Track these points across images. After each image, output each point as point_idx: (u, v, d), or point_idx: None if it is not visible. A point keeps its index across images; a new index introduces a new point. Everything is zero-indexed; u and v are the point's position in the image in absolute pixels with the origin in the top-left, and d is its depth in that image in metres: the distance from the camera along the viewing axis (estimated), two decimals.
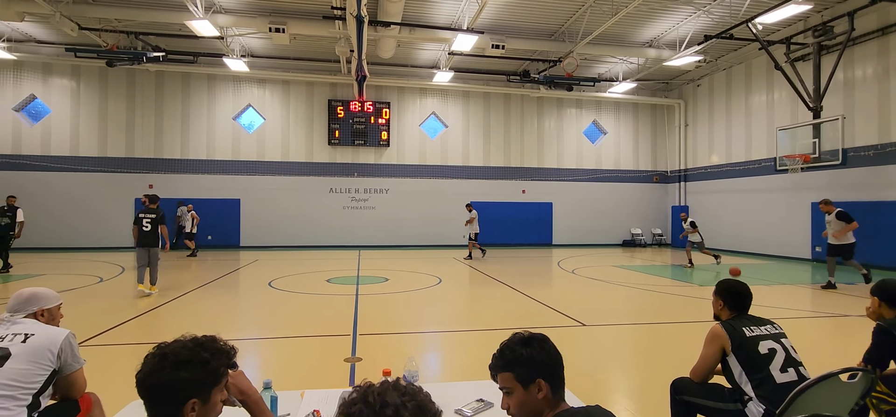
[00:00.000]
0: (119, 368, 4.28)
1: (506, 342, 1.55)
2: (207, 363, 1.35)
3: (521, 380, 1.48)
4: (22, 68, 15.95)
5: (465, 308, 7.83)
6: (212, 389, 1.36)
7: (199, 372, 1.33)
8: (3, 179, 15.35)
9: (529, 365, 1.48)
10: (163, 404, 1.30)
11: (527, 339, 1.53)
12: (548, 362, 1.50)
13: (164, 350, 1.34)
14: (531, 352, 1.49)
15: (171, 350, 1.34)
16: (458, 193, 18.84)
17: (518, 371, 1.48)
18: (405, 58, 16.69)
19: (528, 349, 1.50)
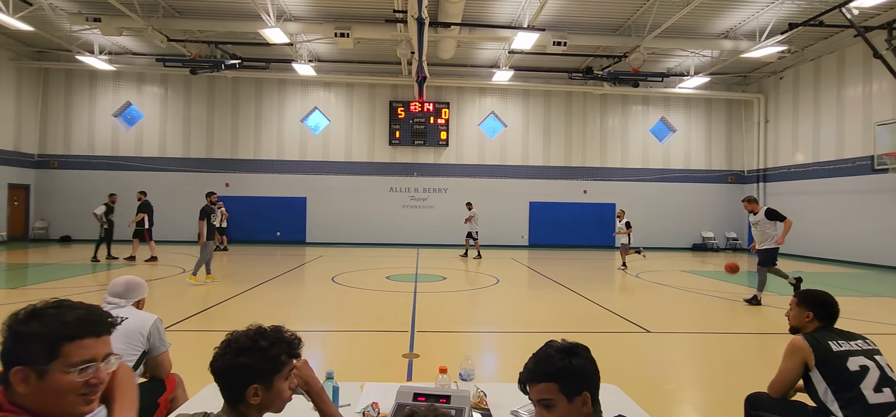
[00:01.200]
0: (198, 352, 4.64)
1: (545, 351, 1.45)
2: (266, 351, 1.42)
3: (566, 392, 1.38)
4: (120, 78, 17.68)
5: (523, 309, 7.73)
6: (273, 377, 1.43)
7: (259, 360, 1.40)
8: (103, 178, 17.13)
9: (576, 376, 1.39)
10: (228, 387, 1.41)
11: (571, 348, 1.43)
12: (593, 373, 1.42)
13: (230, 338, 1.45)
14: (579, 362, 1.40)
15: (234, 337, 1.44)
16: (517, 193, 18.66)
17: (564, 382, 1.38)
18: (465, 58, 16.76)
19: (576, 359, 1.40)
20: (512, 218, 18.68)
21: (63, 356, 1.19)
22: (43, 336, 1.18)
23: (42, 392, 1.18)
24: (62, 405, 1.21)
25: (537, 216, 18.73)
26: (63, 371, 1.19)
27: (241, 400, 1.40)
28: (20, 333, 1.19)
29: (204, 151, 18.05)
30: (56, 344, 1.19)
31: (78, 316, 1.24)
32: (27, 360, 1.17)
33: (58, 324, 1.21)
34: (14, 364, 1.17)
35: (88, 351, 1.23)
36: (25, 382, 1.17)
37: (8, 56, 16.13)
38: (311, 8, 12.84)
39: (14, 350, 1.18)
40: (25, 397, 1.18)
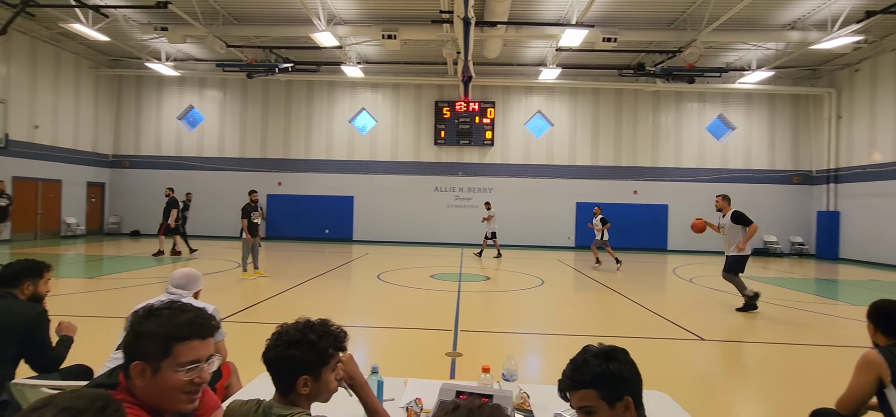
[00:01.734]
0: (250, 343, 4.87)
1: (582, 356, 1.42)
2: (315, 344, 1.49)
3: (606, 398, 1.34)
4: (183, 83, 18.82)
5: (568, 311, 7.58)
6: (321, 368, 1.50)
7: (308, 352, 1.47)
8: (168, 176, 18.30)
9: (615, 381, 1.34)
10: (279, 377, 1.48)
11: (609, 352, 1.39)
12: (634, 377, 1.38)
13: (281, 331, 1.52)
14: (618, 367, 1.36)
15: (285, 331, 1.51)
16: (564, 193, 18.31)
17: (603, 388, 1.34)
18: (511, 56, 16.62)
19: (614, 363, 1.36)
20: (558, 219, 18.35)
21: (174, 355, 1.29)
22: (158, 335, 1.29)
23: (154, 386, 1.29)
24: (170, 400, 1.31)
25: (585, 217, 18.26)
26: (173, 369, 1.29)
27: (291, 390, 1.47)
28: (139, 331, 1.30)
29: (258, 151, 18.88)
30: (169, 344, 1.29)
31: (188, 319, 1.33)
32: (144, 356, 1.28)
33: (171, 325, 1.30)
34: (134, 358, 1.29)
35: (195, 352, 1.32)
36: (142, 376, 1.28)
37: (88, 64, 17.55)
38: (359, 11, 13.14)
39: (134, 345, 1.30)
40: (141, 389, 1.29)
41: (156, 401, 1.31)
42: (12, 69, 14.69)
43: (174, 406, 1.32)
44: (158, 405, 1.31)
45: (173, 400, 1.31)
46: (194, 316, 1.36)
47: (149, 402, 1.30)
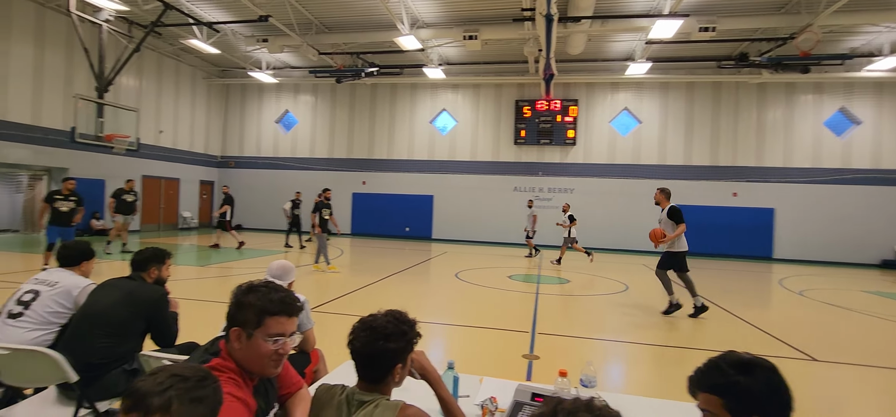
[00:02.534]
0: (337, 333, 5.15)
1: (719, 359, 1.30)
2: (406, 334, 1.61)
3: (731, 411, 1.23)
4: (280, 89, 20.38)
5: (654, 320, 7.11)
6: (409, 354, 1.64)
7: (402, 342, 1.59)
8: (266, 176, 19.96)
9: (744, 397, 1.21)
10: (375, 368, 1.57)
11: (747, 364, 1.25)
12: (773, 399, 1.22)
13: (372, 325, 1.60)
14: (750, 382, 1.22)
15: (378, 325, 1.59)
16: (652, 194, 17.19)
17: (729, 399, 1.23)
18: (596, 52, 15.97)
19: (747, 377, 1.23)
20: (646, 222, 17.19)
21: (265, 326, 1.52)
22: (255, 307, 1.52)
23: (248, 350, 1.52)
24: (258, 365, 1.54)
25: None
26: (263, 338, 1.51)
27: (383, 380, 1.57)
28: (241, 301, 1.54)
29: (345, 152, 19.92)
30: (262, 316, 1.51)
31: (280, 298, 1.56)
32: (242, 324, 1.52)
33: (266, 301, 1.53)
34: (234, 324, 1.53)
35: (281, 327, 1.54)
36: (239, 340, 1.52)
37: (202, 76, 19.65)
38: (441, 13, 13.36)
39: (236, 314, 1.53)
40: (237, 352, 1.53)
41: (248, 364, 1.53)
42: (143, 82, 16.87)
43: (262, 370, 1.55)
44: (250, 368, 1.53)
45: (261, 365, 1.53)
46: (285, 296, 1.57)
47: (243, 365, 1.52)
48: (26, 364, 2.43)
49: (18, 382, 2.54)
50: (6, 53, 12.69)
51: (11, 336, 2.74)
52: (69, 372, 2.34)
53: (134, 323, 2.75)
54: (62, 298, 2.94)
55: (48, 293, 2.93)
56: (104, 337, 2.63)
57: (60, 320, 2.92)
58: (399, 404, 1.48)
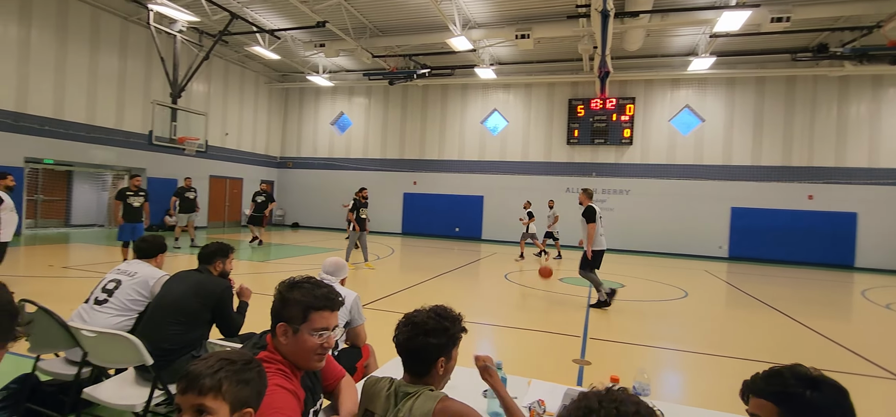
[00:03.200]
0: (386, 330, 5.26)
1: (784, 368, 1.24)
2: (448, 329, 1.64)
3: None
4: (335, 92, 21.08)
5: (715, 329, 6.72)
6: (453, 349, 1.67)
7: (444, 337, 1.62)
8: (321, 176, 20.71)
9: (806, 411, 1.15)
10: (418, 362, 1.63)
11: (815, 380, 1.18)
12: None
13: (414, 320, 1.65)
14: (816, 398, 1.15)
15: (420, 320, 1.64)
16: (716, 196, 16.30)
17: (787, 408, 1.16)
18: (654, 48, 15.31)
19: (815, 393, 1.15)
20: (708, 226, 16.39)
21: (309, 321, 1.58)
22: (300, 302, 1.58)
23: (294, 345, 1.57)
24: (304, 358, 1.60)
25: (741, 224, 16.06)
26: (309, 332, 1.58)
27: (427, 373, 1.62)
28: (286, 298, 1.60)
29: (397, 152, 20.29)
30: (307, 311, 1.58)
31: (324, 293, 1.62)
32: (288, 319, 1.58)
33: (310, 297, 1.59)
34: (280, 320, 1.59)
35: (325, 321, 1.60)
36: (285, 335, 1.58)
37: (264, 80, 20.70)
38: (493, 13, 13.31)
39: (281, 309, 1.60)
40: (284, 346, 1.59)
41: (294, 358, 1.59)
42: (211, 87, 18.00)
43: (307, 364, 1.61)
44: (296, 361, 1.59)
45: (307, 359, 1.60)
46: (328, 292, 1.63)
47: (289, 358, 1.58)
48: (110, 347, 2.67)
49: (103, 362, 2.78)
50: (95, 64, 13.97)
51: (98, 320, 3.02)
52: (145, 356, 2.54)
53: (201, 313, 2.94)
54: (140, 287, 3.21)
55: (128, 282, 3.20)
56: (175, 324, 2.83)
57: (138, 307, 3.17)
58: (440, 395, 1.52)
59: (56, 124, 13.03)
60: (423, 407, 1.49)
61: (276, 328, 1.59)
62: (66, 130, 13.27)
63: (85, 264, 9.02)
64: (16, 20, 12.05)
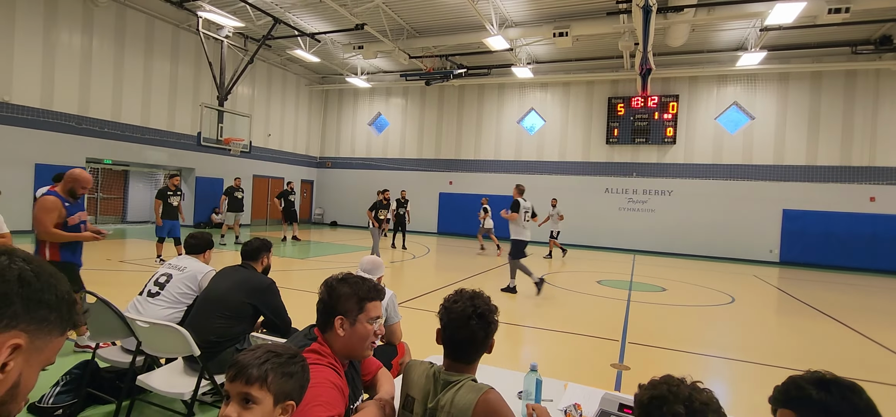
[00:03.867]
0: (420, 328, 5.29)
1: (797, 376, 1.22)
2: (485, 317, 1.66)
3: None
4: (373, 93, 21.42)
5: (764, 337, 6.40)
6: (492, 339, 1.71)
7: (492, 328, 1.66)
8: (359, 176, 21.08)
9: (820, 413, 1.13)
10: (466, 352, 1.64)
11: (826, 381, 1.16)
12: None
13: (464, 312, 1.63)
14: (827, 399, 1.13)
15: (464, 310, 1.63)
16: (766, 198, 15.51)
17: (803, 413, 1.15)
18: (700, 43, 14.73)
19: (824, 393, 1.14)
20: (758, 229, 15.62)
21: (366, 311, 1.65)
22: (353, 295, 1.65)
23: (351, 335, 1.63)
24: (358, 348, 1.66)
25: (794, 227, 15.22)
26: (365, 322, 1.65)
27: (469, 361, 1.64)
28: (340, 292, 1.65)
29: (433, 152, 20.40)
30: (363, 302, 1.65)
31: (371, 285, 1.71)
32: (345, 312, 1.63)
33: (362, 289, 1.67)
34: (336, 314, 1.63)
35: (377, 310, 1.69)
36: (343, 327, 1.63)
37: (304, 83, 21.28)
38: (530, 12, 13.17)
39: (336, 304, 1.64)
40: (340, 339, 1.63)
41: (349, 349, 1.64)
42: (255, 90, 18.67)
43: (360, 352, 1.67)
44: (348, 352, 1.65)
45: (360, 348, 1.66)
46: (373, 284, 1.73)
47: (342, 350, 1.63)
48: (161, 337, 2.81)
49: (155, 352, 2.94)
50: (149, 69, 14.76)
51: (150, 311, 3.19)
52: (194, 347, 2.67)
53: (245, 308, 3.06)
54: (189, 281, 3.36)
55: (179, 276, 3.37)
56: (220, 318, 2.96)
57: (187, 300, 3.33)
58: (484, 387, 1.52)
59: (114, 127, 13.86)
60: (466, 398, 1.49)
61: (333, 321, 1.63)
62: (122, 132, 14.09)
63: (139, 258, 9.55)
64: (79, 31, 12.90)
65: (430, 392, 1.58)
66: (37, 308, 0.65)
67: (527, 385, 2.03)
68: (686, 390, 1.14)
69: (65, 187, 4.02)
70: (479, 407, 1.46)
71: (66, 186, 4.02)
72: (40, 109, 12.18)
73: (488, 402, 1.48)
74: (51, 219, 3.86)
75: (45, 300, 0.65)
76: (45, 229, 3.85)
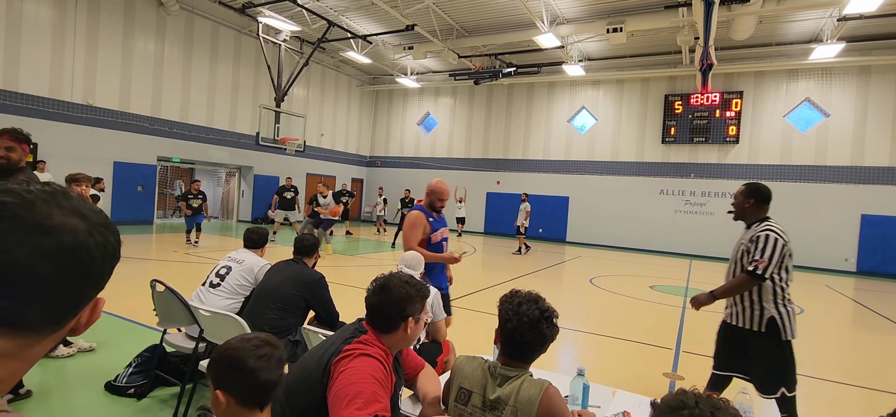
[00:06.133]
0: (465, 327, 5.29)
1: None
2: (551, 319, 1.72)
3: None
4: (422, 93, 21.65)
5: (837, 352, 5.91)
6: None
7: (553, 332, 1.70)
8: (407, 175, 21.36)
9: None
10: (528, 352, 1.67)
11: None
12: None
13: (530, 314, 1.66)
14: None
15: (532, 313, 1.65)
16: (841, 202, 14.33)
17: None
18: (768, 35, 13.81)
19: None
20: (831, 235, 14.46)
21: (424, 310, 1.76)
22: (420, 297, 1.74)
23: (412, 333, 1.73)
24: (412, 340, 1.75)
25: (874, 233, 13.97)
26: (419, 319, 1.75)
27: (528, 360, 1.68)
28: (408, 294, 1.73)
29: (481, 152, 20.36)
30: (425, 301, 1.76)
31: (421, 285, 1.80)
32: (413, 312, 1.71)
33: (424, 289, 1.77)
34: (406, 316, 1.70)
35: (426, 308, 1.79)
36: (410, 328, 1.72)
37: (356, 84, 21.85)
38: (582, 7, 12.84)
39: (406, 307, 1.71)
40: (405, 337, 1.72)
41: (403, 344, 1.75)
42: (310, 91, 19.37)
43: (411, 343, 1.77)
44: (402, 345, 1.75)
45: (412, 341, 1.76)
46: (422, 284, 1.82)
47: (396, 346, 1.73)
48: (221, 326, 2.98)
49: (216, 339, 3.12)
50: (214, 73, 15.68)
51: (212, 301, 3.39)
52: None
53: (296, 300, 3.18)
54: (247, 274, 3.54)
55: (237, 269, 3.55)
56: (274, 310, 3.09)
57: (245, 292, 3.51)
58: (545, 383, 1.57)
59: (181, 127, 14.83)
60: (530, 392, 1.56)
61: (402, 323, 1.70)
62: (189, 132, 15.04)
63: (203, 250, 10.16)
64: (153, 38, 13.90)
65: (488, 386, 1.63)
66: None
67: (573, 389, 1.99)
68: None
69: (426, 200, 3.79)
70: (545, 400, 1.53)
71: (427, 199, 3.79)
72: (118, 111, 13.23)
73: (551, 396, 1.55)
74: (415, 236, 3.55)
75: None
76: (410, 247, 3.56)
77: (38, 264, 0.54)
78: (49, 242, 0.55)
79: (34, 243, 0.54)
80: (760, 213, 3.18)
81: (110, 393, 3.24)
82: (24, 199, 0.55)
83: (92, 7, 12.44)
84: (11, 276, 0.53)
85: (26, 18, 11.33)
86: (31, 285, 0.54)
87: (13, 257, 0.53)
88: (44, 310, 0.56)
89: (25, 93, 11.39)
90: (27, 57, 11.39)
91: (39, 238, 0.54)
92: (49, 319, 0.57)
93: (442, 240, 3.63)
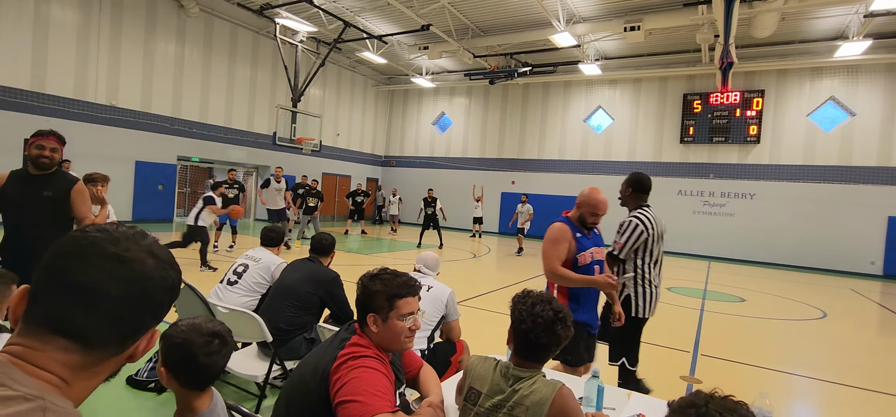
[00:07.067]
0: (478, 327, 5.29)
1: None
2: (566, 321, 1.67)
3: None
4: (437, 93, 21.66)
5: (862, 357, 5.74)
6: None
7: (569, 333, 1.67)
8: (421, 175, 21.41)
9: None
10: (541, 354, 1.66)
11: None
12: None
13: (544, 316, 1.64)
14: None
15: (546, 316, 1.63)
16: (867, 204, 13.94)
17: None
18: (790, 32, 13.49)
19: None
20: (857, 237, 14.07)
21: (397, 308, 1.68)
22: (383, 292, 1.68)
23: (386, 332, 1.68)
24: (397, 342, 1.71)
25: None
26: (397, 318, 1.68)
27: (542, 360, 1.68)
28: (371, 291, 1.72)
29: (496, 152, 20.29)
30: (393, 300, 1.68)
31: (404, 281, 1.73)
32: (376, 309, 1.68)
33: (393, 286, 1.70)
34: (368, 311, 1.69)
35: (410, 306, 1.71)
36: (375, 324, 1.69)
37: (371, 84, 21.97)
38: (599, 6, 12.71)
39: (368, 301, 1.71)
40: (375, 334, 1.70)
41: (386, 343, 1.70)
42: (325, 91, 19.54)
43: (398, 346, 1.72)
44: (388, 346, 1.71)
45: (397, 342, 1.71)
46: (407, 279, 1.74)
47: (381, 344, 1.69)
48: (239, 323, 3.03)
49: (234, 336, 3.17)
50: (232, 73, 15.93)
51: (229, 298, 3.45)
52: (266, 333, 2.85)
53: (312, 298, 3.22)
54: (263, 272, 3.59)
55: (254, 267, 3.61)
56: (290, 308, 3.13)
57: (261, 290, 3.56)
58: (558, 384, 1.57)
59: (201, 127, 15.09)
60: (542, 392, 1.56)
61: (367, 318, 1.69)
62: (208, 132, 15.31)
63: (221, 248, 10.33)
64: (174, 39, 14.17)
65: (500, 386, 1.63)
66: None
67: (588, 391, 1.98)
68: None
69: (576, 212, 3.26)
70: (557, 401, 1.53)
71: (577, 211, 3.26)
72: (140, 112, 13.52)
73: (564, 397, 1.54)
74: (556, 253, 2.95)
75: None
76: (550, 267, 3.01)
77: (111, 286, 0.65)
78: (123, 271, 0.67)
79: (111, 269, 0.66)
80: (639, 201, 3.61)
81: (131, 387, 3.32)
82: (112, 236, 0.68)
83: (115, 10, 12.74)
84: (88, 295, 0.64)
85: (53, 22, 11.65)
86: (102, 305, 0.65)
87: (93, 279, 0.65)
88: (111, 330, 0.66)
89: (51, 95, 11.72)
90: (54, 59, 11.72)
91: (116, 265, 0.66)
92: (114, 339, 0.67)
93: (593, 264, 3.03)
